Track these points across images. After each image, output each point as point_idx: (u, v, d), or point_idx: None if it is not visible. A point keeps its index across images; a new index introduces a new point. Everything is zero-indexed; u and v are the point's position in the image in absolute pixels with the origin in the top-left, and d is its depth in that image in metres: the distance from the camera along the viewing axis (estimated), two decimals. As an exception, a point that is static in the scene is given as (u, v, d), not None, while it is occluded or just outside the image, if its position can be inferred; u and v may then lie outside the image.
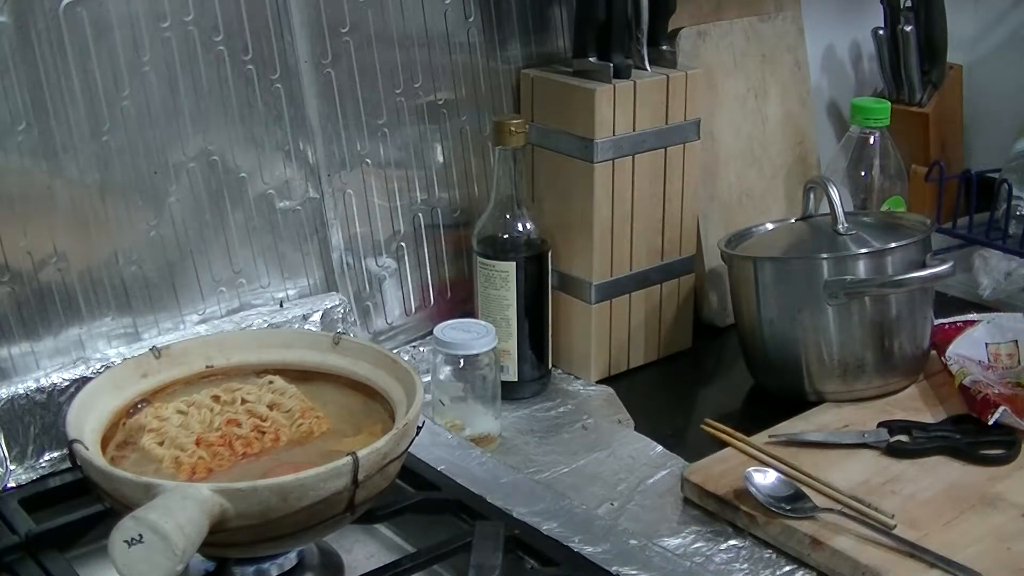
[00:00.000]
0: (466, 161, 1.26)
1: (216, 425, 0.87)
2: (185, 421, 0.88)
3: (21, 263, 1.00)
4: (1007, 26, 1.72)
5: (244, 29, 1.08)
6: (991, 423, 1.06)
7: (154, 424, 0.87)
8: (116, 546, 0.68)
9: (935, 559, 0.88)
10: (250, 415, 0.88)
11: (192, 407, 0.89)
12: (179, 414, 0.89)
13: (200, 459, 0.83)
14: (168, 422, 0.87)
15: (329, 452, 0.85)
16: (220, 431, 0.86)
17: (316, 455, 0.84)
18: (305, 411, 0.89)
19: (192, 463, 0.83)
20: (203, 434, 0.86)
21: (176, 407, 0.89)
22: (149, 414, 0.89)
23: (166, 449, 0.85)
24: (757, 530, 0.95)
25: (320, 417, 0.89)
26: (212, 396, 0.91)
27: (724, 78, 1.37)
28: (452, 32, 1.22)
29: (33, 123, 0.98)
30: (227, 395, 0.91)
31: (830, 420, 1.10)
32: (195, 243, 1.09)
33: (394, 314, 1.25)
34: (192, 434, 0.86)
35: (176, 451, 0.84)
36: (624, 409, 1.18)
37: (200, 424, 0.87)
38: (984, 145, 1.70)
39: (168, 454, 0.84)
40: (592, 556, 0.88)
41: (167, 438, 0.86)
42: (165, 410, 0.89)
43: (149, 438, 0.86)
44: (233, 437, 0.86)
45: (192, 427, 0.87)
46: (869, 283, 1.12)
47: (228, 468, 0.84)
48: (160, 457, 0.84)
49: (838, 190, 1.20)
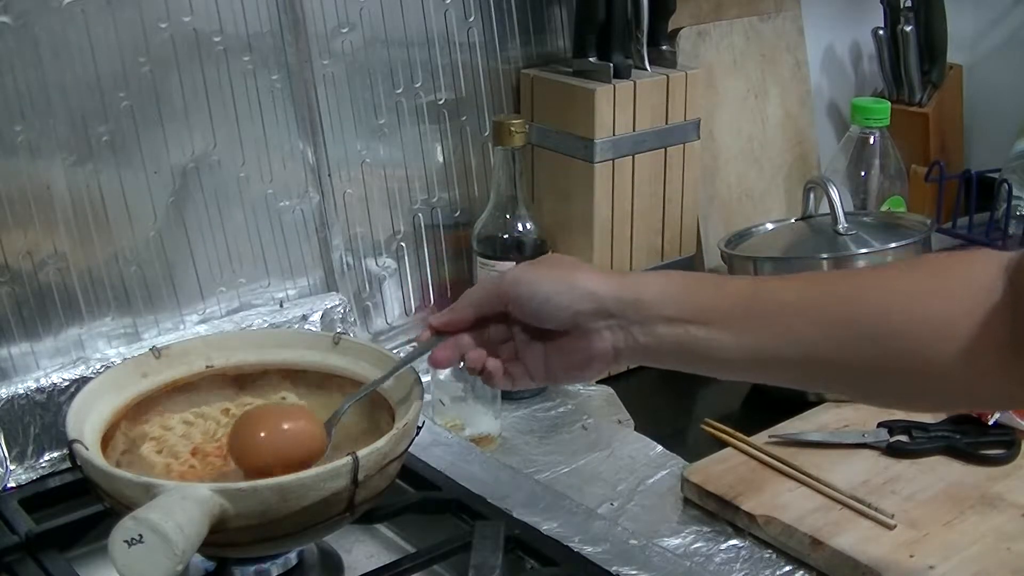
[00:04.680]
0: (466, 161, 1.26)
1: (218, 436, 0.87)
2: (188, 432, 0.88)
3: (21, 263, 1.00)
4: (1007, 26, 1.72)
5: (244, 29, 1.08)
6: (991, 423, 1.06)
7: (157, 433, 0.87)
8: (116, 546, 0.68)
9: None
10: None
11: (199, 419, 0.89)
12: (184, 424, 0.89)
13: (191, 468, 0.83)
14: (171, 432, 0.87)
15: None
16: (219, 443, 0.86)
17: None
18: None
19: (182, 471, 0.83)
20: (201, 444, 0.86)
21: (183, 417, 0.89)
22: (155, 423, 0.89)
23: (162, 457, 0.84)
24: (757, 530, 0.95)
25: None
26: (222, 409, 0.91)
27: (724, 78, 1.38)
28: (452, 32, 1.22)
29: (33, 123, 0.98)
30: (237, 409, 0.91)
31: (830, 420, 1.10)
32: (195, 243, 1.09)
33: (394, 314, 1.25)
34: (191, 444, 0.86)
35: (170, 459, 0.84)
36: (624, 409, 1.18)
37: (202, 435, 0.87)
38: (984, 145, 1.70)
39: (161, 461, 0.84)
40: (592, 556, 0.88)
41: (166, 447, 0.86)
42: (171, 419, 0.89)
43: (149, 446, 0.86)
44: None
45: (194, 437, 0.87)
46: (869, 283, 1.12)
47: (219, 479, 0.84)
48: (153, 464, 0.84)
49: (838, 190, 1.20)
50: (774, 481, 1.00)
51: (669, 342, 0.76)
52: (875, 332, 0.72)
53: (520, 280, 0.79)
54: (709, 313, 0.76)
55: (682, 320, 0.76)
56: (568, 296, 0.77)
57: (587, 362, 0.79)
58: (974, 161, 1.67)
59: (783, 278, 0.80)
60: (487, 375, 0.82)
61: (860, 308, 0.73)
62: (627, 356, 0.79)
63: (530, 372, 0.82)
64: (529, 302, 0.78)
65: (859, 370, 0.73)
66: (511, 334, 0.82)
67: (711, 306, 0.76)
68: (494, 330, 0.82)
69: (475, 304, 0.82)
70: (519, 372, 0.82)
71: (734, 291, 0.77)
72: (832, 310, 0.74)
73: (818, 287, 0.77)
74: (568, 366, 0.80)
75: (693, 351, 0.76)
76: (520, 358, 0.82)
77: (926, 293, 0.72)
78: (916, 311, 0.71)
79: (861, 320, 0.72)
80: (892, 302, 0.72)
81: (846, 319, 0.73)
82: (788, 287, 0.77)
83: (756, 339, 0.74)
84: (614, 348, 0.78)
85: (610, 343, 0.78)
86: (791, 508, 0.95)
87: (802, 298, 0.75)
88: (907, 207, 1.41)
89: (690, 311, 0.76)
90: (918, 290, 0.72)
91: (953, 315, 0.70)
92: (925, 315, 0.71)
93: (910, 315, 0.71)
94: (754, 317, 0.75)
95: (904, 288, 0.73)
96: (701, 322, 0.75)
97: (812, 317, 0.74)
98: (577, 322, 0.78)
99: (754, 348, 0.75)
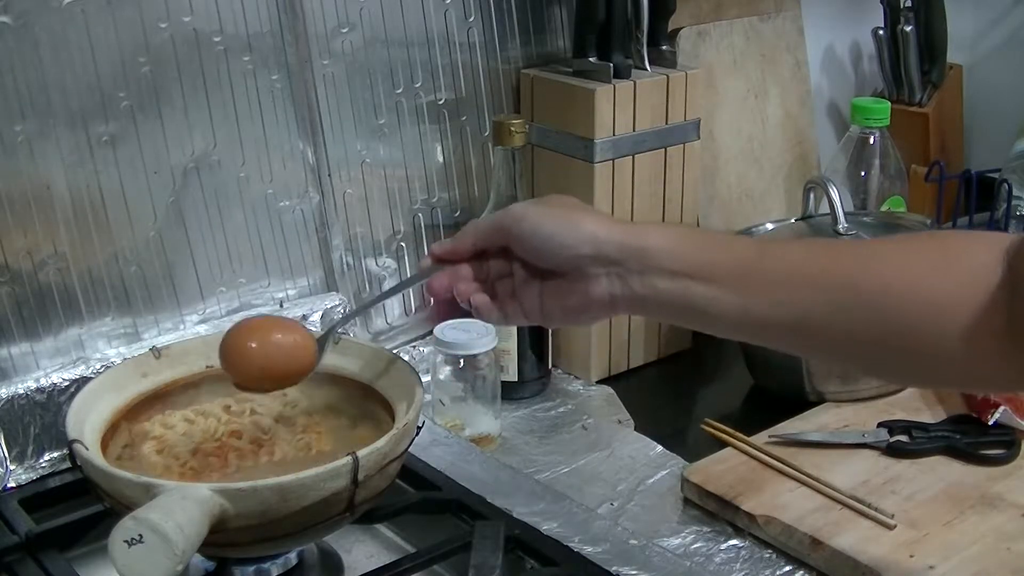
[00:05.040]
0: (466, 161, 1.26)
1: (219, 435, 0.87)
2: (189, 430, 0.87)
3: (21, 263, 1.00)
4: (1007, 26, 1.72)
5: (244, 29, 1.08)
6: (991, 423, 1.06)
7: (158, 432, 0.87)
8: (116, 546, 0.68)
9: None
10: (254, 426, 0.88)
11: (200, 416, 0.89)
12: (186, 422, 0.88)
13: (190, 469, 0.83)
14: (172, 431, 0.87)
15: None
16: (219, 442, 0.86)
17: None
18: (308, 426, 0.89)
19: (182, 472, 0.83)
20: (202, 444, 0.86)
21: (184, 415, 0.89)
22: (156, 422, 0.89)
23: (162, 457, 0.84)
24: (757, 530, 0.95)
25: (321, 433, 0.89)
26: (223, 406, 0.91)
27: (724, 78, 1.37)
28: (452, 32, 1.21)
29: (33, 123, 0.98)
30: (238, 405, 0.91)
31: (830, 420, 1.10)
32: (195, 243, 1.09)
33: (394, 314, 1.25)
34: (192, 443, 0.86)
35: (170, 459, 0.84)
36: (624, 409, 1.18)
37: (203, 433, 0.87)
38: (984, 145, 1.70)
39: (161, 462, 0.84)
40: (592, 556, 0.88)
41: (167, 446, 0.85)
42: (172, 418, 0.89)
43: (149, 446, 0.86)
44: (230, 449, 0.86)
45: (194, 436, 0.87)
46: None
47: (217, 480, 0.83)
48: (153, 464, 0.84)
49: (838, 190, 1.20)
50: (774, 481, 1.00)
51: (667, 295, 0.76)
52: (873, 303, 0.71)
53: (524, 216, 0.78)
54: (711, 270, 0.75)
55: (683, 274, 0.75)
56: (570, 237, 0.77)
57: (583, 306, 0.78)
58: (974, 161, 1.67)
59: (789, 242, 0.80)
60: (475, 308, 0.81)
61: (861, 278, 0.72)
62: (623, 305, 0.78)
63: (525, 311, 0.81)
64: (530, 239, 0.78)
65: (858, 341, 0.73)
66: (511, 270, 0.81)
67: (714, 263, 0.75)
68: (494, 264, 0.82)
69: (477, 235, 0.81)
70: (514, 310, 0.81)
71: (739, 251, 0.77)
72: (833, 278, 0.73)
73: (822, 254, 0.76)
74: (563, 309, 0.79)
75: (690, 306, 0.75)
76: (516, 296, 0.81)
77: (928, 270, 0.72)
78: (916, 286, 0.71)
79: (861, 290, 0.72)
80: (893, 276, 0.71)
81: (846, 288, 0.72)
82: (793, 252, 0.77)
83: (756, 300, 0.74)
84: (610, 295, 0.77)
85: (607, 290, 0.77)
86: (791, 508, 0.95)
87: (806, 263, 0.75)
88: (907, 207, 1.41)
89: (692, 266, 0.75)
90: (921, 266, 0.72)
91: (952, 295, 0.70)
92: (925, 292, 0.71)
93: (910, 290, 0.71)
94: (756, 279, 0.74)
95: (907, 263, 0.72)
96: (702, 278, 0.75)
97: (813, 283, 0.73)
98: (576, 264, 0.77)
99: (753, 309, 0.74)
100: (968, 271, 0.70)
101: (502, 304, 0.81)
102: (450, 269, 0.82)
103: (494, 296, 0.82)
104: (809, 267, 0.74)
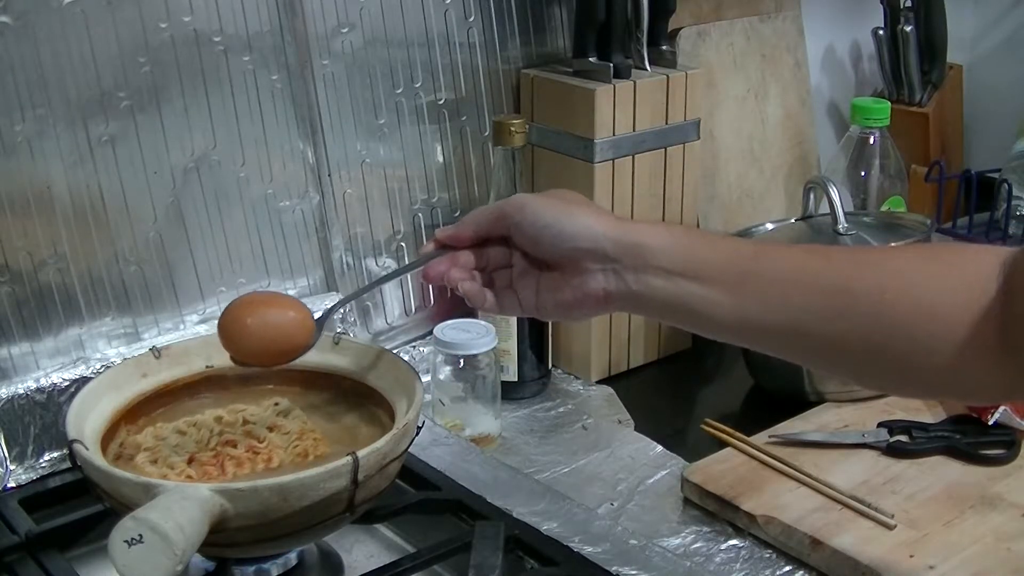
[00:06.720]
0: (466, 161, 1.26)
1: (212, 445, 0.86)
2: (182, 441, 0.87)
3: (21, 263, 1.00)
4: (1007, 26, 1.72)
5: (244, 29, 1.08)
6: (991, 423, 1.06)
7: (150, 443, 0.86)
8: (116, 546, 0.68)
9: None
10: (248, 436, 0.87)
11: (192, 427, 0.89)
12: (178, 434, 0.88)
13: (188, 477, 0.83)
14: (165, 442, 0.87)
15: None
16: (215, 450, 0.86)
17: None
18: (303, 432, 0.88)
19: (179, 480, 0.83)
20: (197, 453, 0.85)
21: (176, 427, 0.89)
22: (149, 434, 0.88)
23: (157, 467, 0.84)
24: (757, 530, 0.95)
25: (318, 439, 0.88)
26: (215, 417, 0.90)
27: (724, 78, 1.38)
28: (452, 32, 1.22)
29: (33, 123, 0.98)
30: (230, 416, 0.90)
31: (830, 420, 1.10)
32: (195, 243, 1.09)
33: (394, 314, 1.25)
34: (186, 453, 0.85)
35: (166, 469, 0.84)
36: (624, 409, 1.18)
37: (196, 444, 0.87)
38: (984, 145, 1.70)
39: (157, 471, 0.83)
40: (592, 556, 0.88)
41: (160, 457, 0.85)
42: (165, 430, 0.88)
43: (144, 456, 0.85)
44: (226, 457, 0.85)
45: (187, 447, 0.86)
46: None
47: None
48: (149, 475, 0.83)
49: (838, 190, 1.20)
50: (774, 481, 1.00)
51: (662, 294, 0.76)
52: (868, 309, 0.71)
53: (525, 205, 0.79)
54: (706, 270, 0.75)
55: (678, 274, 0.75)
56: (569, 228, 0.77)
57: (577, 301, 0.79)
58: (974, 161, 1.67)
59: (785, 246, 0.80)
60: (464, 295, 0.82)
61: (856, 283, 0.72)
62: (617, 302, 0.78)
63: (521, 302, 0.81)
64: (530, 228, 0.78)
65: (850, 346, 0.73)
66: (510, 260, 0.82)
67: (709, 263, 0.75)
68: (494, 253, 0.82)
69: (478, 222, 0.82)
70: (510, 301, 0.82)
71: (735, 252, 0.77)
72: (828, 282, 0.73)
73: (818, 258, 0.77)
74: (559, 302, 0.80)
75: (685, 306, 0.76)
76: (513, 286, 0.81)
77: (923, 279, 0.72)
78: (911, 294, 0.71)
79: (855, 295, 0.72)
80: (888, 282, 0.72)
81: (841, 292, 0.72)
82: (789, 255, 0.77)
83: (750, 302, 0.74)
84: (605, 291, 0.77)
85: (602, 285, 0.77)
86: (791, 508, 0.95)
87: (801, 267, 0.75)
88: (907, 207, 1.41)
89: (688, 266, 0.75)
90: (916, 275, 0.72)
91: (946, 305, 0.70)
92: (919, 300, 0.71)
93: (904, 297, 0.71)
94: (750, 280, 0.74)
95: (902, 270, 0.73)
96: (697, 279, 0.75)
97: (808, 286, 0.73)
98: (573, 256, 0.77)
99: (747, 311, 0.74)
100: (964, 280, 0.70)
101: (499, 294, 0.82)
102: (450, 256, 0.82)
103: (491, 285, 0.82)
104: (804, 270, 0.74)
